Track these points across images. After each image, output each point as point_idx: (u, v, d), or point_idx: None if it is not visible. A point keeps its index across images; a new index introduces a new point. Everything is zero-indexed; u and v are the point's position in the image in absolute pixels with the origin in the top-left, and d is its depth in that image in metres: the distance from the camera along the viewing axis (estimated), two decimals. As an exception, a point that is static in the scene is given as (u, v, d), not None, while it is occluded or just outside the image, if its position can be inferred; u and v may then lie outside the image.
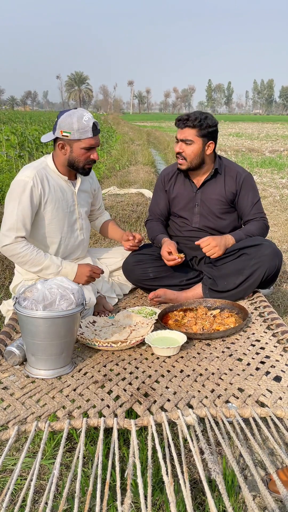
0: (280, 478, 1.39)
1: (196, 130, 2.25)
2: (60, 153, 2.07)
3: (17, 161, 9.93)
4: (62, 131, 2.01)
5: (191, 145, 2.28)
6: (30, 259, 2.00)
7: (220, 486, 0.97)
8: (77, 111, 2.03)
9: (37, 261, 2.01)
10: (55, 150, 2.09)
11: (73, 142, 2.02)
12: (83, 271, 2.08)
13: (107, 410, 1.34)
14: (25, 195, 1.98)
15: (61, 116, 2.02)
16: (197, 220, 2.43)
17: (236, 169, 2.42)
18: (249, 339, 1.83)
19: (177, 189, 2.47)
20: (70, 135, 2.00)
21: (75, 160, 2.07)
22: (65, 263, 2.07)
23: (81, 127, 1.99)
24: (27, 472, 1.62)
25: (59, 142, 2.04)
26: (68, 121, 1.99)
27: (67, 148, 2.04)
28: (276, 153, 13.19)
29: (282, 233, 4.86)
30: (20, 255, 1.99)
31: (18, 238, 1.98)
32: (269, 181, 8.31)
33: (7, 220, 1.99)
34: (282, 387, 1.45)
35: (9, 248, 1.98)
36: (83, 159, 2.07)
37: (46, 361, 1.54)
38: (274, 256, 2.15)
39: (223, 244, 2.24)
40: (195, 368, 1.61)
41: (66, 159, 2.07)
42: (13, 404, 1.37)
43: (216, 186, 2.40)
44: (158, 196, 2.55)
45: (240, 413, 1.28)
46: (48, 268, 2.03)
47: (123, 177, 8.25)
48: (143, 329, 1.88)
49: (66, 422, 1.23)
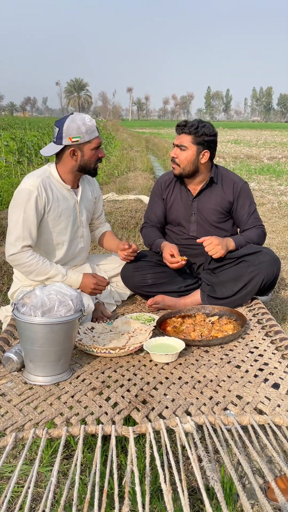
0: (279, 486, 1.39)
1: (192, 137, 2.27)
2: (71, 160, 2.06)
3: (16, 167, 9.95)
4: (71, 138, 2.00)
5: (185, 151, 2.30)
6: (36, 269, 2.00)
7: (218, 494, 0.96)
8: (76, 115, 2.05)
9: (43, 270, 2.01)
10: (62, 159, 2.08)
11: (84, 145, 2.04)
12: (88, 282, 2.07)
13: (105, 417, 1.34)
14: (30, 204, 1.98)
15: (62, 124, 2.01)
16: (194, 228, 2.44)
17: (233, 179, 2.43)
18: (247, 346, 1.83)
19: (174, 197, 2.48)
20: (81, 139, 2.01)
21: (86, 163, 2.08)
22: (70, 273, 2.07)
23: (88, 128, 2.01)
24: (24, 480, 1.61)
25: (70, 149, 2.04)
26: (75, 127, 2.00)
27: (78, 153, 2.05)
28: (274, 160, 13.25)
29: (280, 240, 4.87)
30: (26, 265, 1.99)
31: (25, 247, 1.98)
32: (267, 188, 8.33)
33: (12, 230, 1.99)
34: (281, 394, 1.44)
35: (16, 258, 1.98)
36: (94, 159, 2.09)
37: (44, 368, 1.54)
38: (272, 263, 2.15)
39: (225, 244, 2.24)
40: (194, 375, 1.60)
41: (78, 164, 2.08)
42: (11, 411, 1.37)
43: (213, 195, 2.41)
44: (155, 203, 2.55)
45: (239, 421, 1.28)
46: (53, 278, 2.03)
47: (122, 183, 8.26)
48: (141, 336, 1.88)
49: (64, 429, 1.22)
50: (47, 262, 2.03)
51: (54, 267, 2.03)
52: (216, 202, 2.39)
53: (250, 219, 2.39)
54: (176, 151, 2.33)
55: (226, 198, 2.39)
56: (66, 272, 2.06)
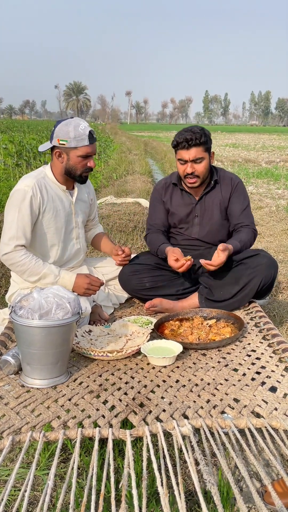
0: (276, 489, 1.39)
1: (202, 147, 2.26)
2: (58, 161, 2.08)
3: (15, 170, 9.95)
4: (59, 140, 2.03)
5: (202, 162, 2.28)
6: (29, 268, 2.00)
7: (215, 498, 0.96)
8: (73, 120, 2.06)
9: (35, 270, 2.01)
10: (52, 159, 2.11)
11: (70, 150, 2.04)
12: (81, 282, 2.05)
13: (102, 420, 1.34)
14: (24, 204, 1.99)
15: (58, 125, 2.05)
16: (197, 230, 2.44)
17: (229, 176, 2.47)
18: (244, 349, 1.83)
19: (175, 202, 2.46)
20: (67, 143, 2.02)
21: (72, 168, 2.08)
22: (63, 273, 2.06)
23: (77, 135, 2.01)
24: (21, 483, 1.61)
25: (56, 150, 2.06)
26: (65, 130, 2.01)
27: (64, 156, 2.06)
28: (272, 164, 13.29)
29: (278, 243, 4.88)
30: (19, 264, 1.99)
31: (18, 246, 1.99)
32: (265, 192, 8.36)
33: (7, 230, 2.00)
34: (278, 397, 1.45)
35: (9, 257, 1.99)
36: (80, 166, 2.08)
37: (42, 371, 1.54)
38: (270, 266, 2.16)
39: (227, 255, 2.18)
40: (191, 378, 1.60)
41: (63, 167, 2.09)
42: (8, 414, 1.37)
43: (214, 196, 2.42)
44: (156, 207, 2.53)
45: (236, 424, 1.28)
46: (46, 278, 2.02)
47: (120, 187, 8.27)
48: (139, 339, 1.88)
49: (61, 433, 1.22)
50: (40, 262, 2.03)
51: (47, 267, 2.03)
52: (219, 202, 2.42)
53: (242, 215, 2.40)
54: (192, 166, 2.27)
55: (225, 195, 2.42)
56: (59, 273, 2.05)
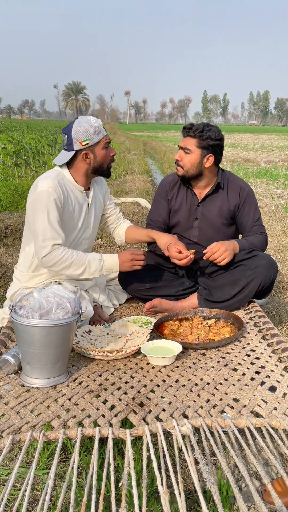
0: (275, 489, 1.39)
1: (196, 141, 2.25)
2: (84, 164, 2.08)
3: (14, 170, 9.95)
4: (81, 142, 2.03)
5: (189, 155, 2.28)
6: (73, 261, 1.98)
7: (215, 497, 0.97)
8: (80, 119, 2.07)
9: (80, 261, 2.00)
10: (75, 164, 2.10)
11: (95, 146, 2.06)
12: (125, 258, 2.08)
13: (102, 419, 1.34)
14: (51, 204, 1.97)
15: (70, 130, 2.03)
16: (196, 233, 2.43)
17: (239, 183, 2.42)
18: (244, 349, 1.83)
19: (179, 200, 2.45)
20: (90, 141, 2.03)
21: (100, 164, 2.10)
22: (105, 256, 2.07)
23: (95, 129, 2.04)
24: (21, 483, 1.61)
25: (82, 153, 2.06)
26: (82, 130, 2.02)
27: (91, 156, 2.07)
28: (271, 164, 13.30)
29: (277, 243, 4.89)
30: (62, 260, 1.97)
31: (55, 245, 1.97)
32: (264, 192, 8.36)
33: (39, 232, 1.96)
34: (277, 397, 1.45)
35: (50, 258, 1.96)
36: (107, 159, 2.12)
37: (41, 370, 1.54)
38: (269, 267, 2.16)
39: (231, 248, 2.20)
40: (191, 378, 1.61)
41: (91, 167, 2.10)
42: (8, 413, 1.37)
43: (218, 201, 2.39)
44: (159, 203, 2.51)
45: (235, 423, 1.28)
46: (91, 265, 2.02)
47: (120, 186, 8.27)
48: (138, 339, 1.88)
49: (61, 432, 1.22)
50: (80, 252, 2.02)
51: (90, 255, 2.03)
52: (221, 208, 2.38)
53: (254, 227, 2.38)
54: (180, 154, 2.32)
55: (231, 202, 2.37)
56: (101, 256, 2.06)
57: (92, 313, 2.10)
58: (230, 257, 2.18)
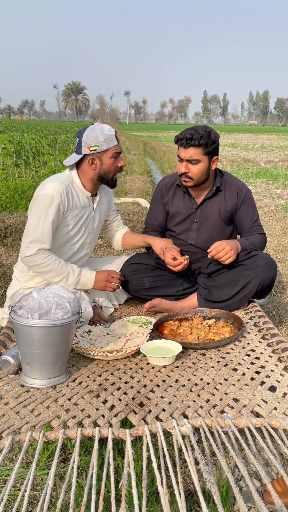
0: (275, 489, 1.39)
1: (202, 149, 2.19)
2: (90, 169, 2.10)
3: (14, 170, 9.95)
4: (89, 147, 2.05)
5: (198, 164, 2.22)
6: (53, 269, 2.02)
7: (215, 497, 0.97)
8: (97, 125, 2.10)
9: (60, 270, 2.03)
10: (82, 168, 2.12)
11: (102, 154, 2.07)
12: (101, 278, 2.12)
13: (102, 420, 1.34)
14: (51, 209, 1.99)
15: (82, 134, 2.07)
16: (194, 236, 2.42)
17: (237, 184, 2.40)
18: (244, 349, 1.83)
19: (176, 204, 2.43)
20: (99, 148, 2.05)
21: (105, 172, 2.11)
22: (83, 271, 2.10)
23: (106, 137, 2.05)
24: (20, 483, 1.61)
25: (89, 158, 2.08)
26: (93, 136, 2.05)
27: (97, 162, 2.08)
28: (271, 164, 13.30)
29: (277, 243, 4.89)
30: (42, 265, 2.01)
31: (41, 250, 2.00)
32: (264, 192, 8.37)
33: (30, 233, 2.00)
34: (277, 397, 1.45)
35: (31, 259, 2.00)
36: (113, 168, 2.12)
37: (41, 370, 1.54)
38: (269, 267, 2.15)
39: (235, 247, 2.19)
40: (190, 378, 1.60)
41: (97, 173, 2.11)
42: (8, 414, 1.37)
43: (216, 203, 2.37)
44: (155, 207, 2.52)
45: (235, 423, 1.28)
46: (69, 277, 2.05)
47: (119, 186, 8.27)
48: (138, 339, 1.88)
49: (61, 432, 1.22)
50: (62, 262, 2.05)
51: (70, 267, 2.07)
52: (220, 209, 2.37)
53: (253, 227, 2.38)
54: (187, 166, 2.23)
55: (229, 204, 2.36)
56: (80, 271, 2.09)
57: (91, 314, 2.11)
58: (234, 256, 2.18)
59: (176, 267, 2.20)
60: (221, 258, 2.17)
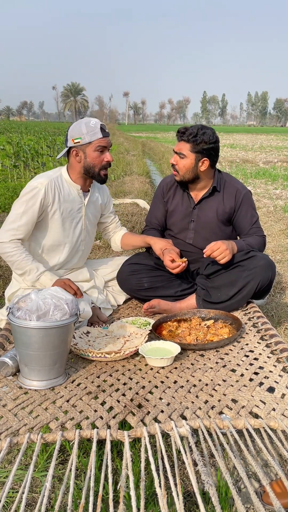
0: (274, 490, 1.39)
1: (190, 145, 2.23)
2: (75, 161, 2.11)
3: (13, 171, 9.95)
4: (73, 139, 2.07)
5: (184, 159, 2.27)
6: (17, 260, 2.02)
7: (213, 498, 0.96)
8: (83, 119, 2.12)
9: (21, 264, 2.02)
10: (70, 161, 2.14)
11: (86, 146, 2.08)
12: (60, 284, 2.01)
13: (100, 421, 1.34)
14: (34, 201, 2.02)
15: (69, 128, 2.10)
16: (191, 236, 2.43)
17: (236, 186, 2.40)
18: (242, 350, 1.83)
19: (175, 202, 2.46)
20: (82, 140, 2.06)
21: (90, 166, 2.11)
22: (47, 273, 2.05)
23: (89, 130, 2.06)
24: (19, 485, 1.60)
25: (72, 150, 2.09)
26: (77, 128, 2.07)
27: (81, 155, 2.09)
28: (270, 164, 13.30)
29: (276, 244, 4.89)
30: (9, 254, 2.02)
31: (13, 240, 2.02)
32: (263, 192, 8.37)
33: (10, 220, 2.04)
34: (276, 398, 1.45)
35: (1, 246, 2.02)
36: (98, 162, 2.11)
37: (39, 372, 1.54)
38: (267, 268, 2.15)
39: (231, 248, 2.20)
40: (189, 379, 1.60)
41: (82, 166, 2.11)
42: (5, 416, 1.36)
43: (214, 203, 2.38)
44: (156, 206, 2.54)
45: (234, 425, 1.28)
46: (30, 273, 2.04)
47: (118, 187, 8.27)
48: (137, 340, 1.88)
49: (59, 434, 1.22)
50: (29, 257, 2.04)
51: (34, 265, 2.04)
52: (217, 210, 2.37)
53: (252, 229, 2.38)
54: (175, 158, 2.30)
55: (227, 205, 2.36)
56: (42, 273, 2.05)
57: (90, 313, 2.10)
58: (230, 256, 2.17)
59: (174, 270, 2.20)
60: (217, 258, 2.17)
